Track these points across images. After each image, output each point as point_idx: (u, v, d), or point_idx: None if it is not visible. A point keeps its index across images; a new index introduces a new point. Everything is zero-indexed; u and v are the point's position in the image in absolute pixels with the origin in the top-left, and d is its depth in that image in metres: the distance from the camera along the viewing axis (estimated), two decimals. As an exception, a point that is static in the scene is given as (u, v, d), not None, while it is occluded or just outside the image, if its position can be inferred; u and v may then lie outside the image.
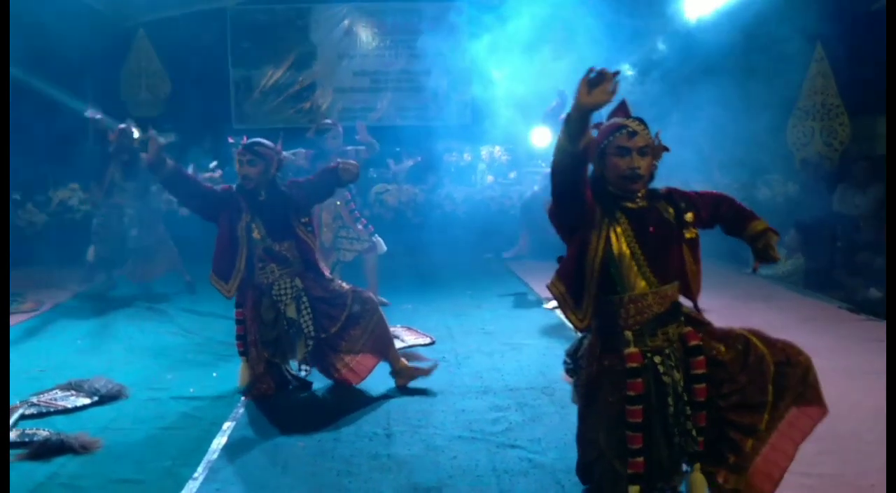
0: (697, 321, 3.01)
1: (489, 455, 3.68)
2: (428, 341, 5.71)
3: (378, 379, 4.78)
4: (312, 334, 4.49)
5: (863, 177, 8.00)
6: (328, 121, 7.05)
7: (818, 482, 3.33)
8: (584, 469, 2.98)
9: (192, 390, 4.71)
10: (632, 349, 2.89)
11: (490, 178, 11.06)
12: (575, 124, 2.60)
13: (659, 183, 3.05)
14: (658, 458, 2.87)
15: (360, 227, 6.67)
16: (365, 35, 12.37)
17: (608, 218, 2.90)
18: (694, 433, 2.90)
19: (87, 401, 4.42)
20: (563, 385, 4.64)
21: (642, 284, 2.89)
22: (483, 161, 11.48)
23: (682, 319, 2.97)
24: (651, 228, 2.90)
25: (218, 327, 6.22)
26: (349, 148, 6.81)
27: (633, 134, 2.88)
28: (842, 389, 4.58)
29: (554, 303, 4.58)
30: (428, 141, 11.40)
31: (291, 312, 4.51)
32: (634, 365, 2.87)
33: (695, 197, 3.06)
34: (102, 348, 5.70)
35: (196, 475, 3.49)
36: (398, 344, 5.48)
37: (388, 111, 12.42)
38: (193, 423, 4.18)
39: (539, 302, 7.08)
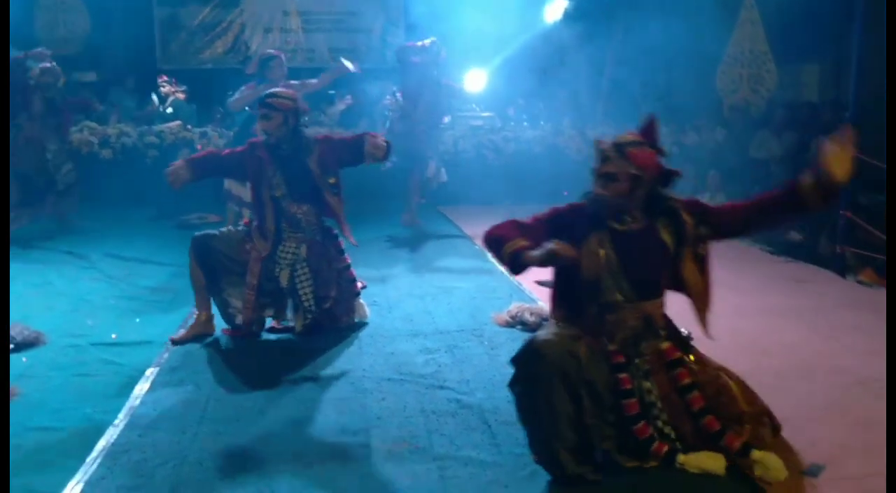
0: (683, 343, 3.06)
1: (417, 397, 3.68)
2: (359, 285, 5.65)
3: (307, 323, 4.74)
4: (312, 307, 4.41)
5: (780, 123, 8.18)
6: (271, 51, 6.89)
7: (736, 417, 3.43)
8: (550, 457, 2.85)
9: (113, 336, 4.59)
10: (613, 347, 2.95)
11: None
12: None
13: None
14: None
15: None
16: (295, -28, 11.98)
17: (596, 235, 2.96)
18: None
19: (2, 348, 4.27)
20: (493, 327, 4.68)
21: (618, 295, 2.96)
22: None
23: (663, 335, 3.02)
24: (637, 251, 2.95)
25: (143, 272, 6.07)
26: (294, 82, 6.64)
27: (604, 160, 2.94)
28: (762, 326, 4.74)
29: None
30: (362, 84, 11.17)
31: (284, 278, 4.41)
32: (620, 361, 2.92)
33: (722, 210, 3.08)
34: (19, 294, 5.47)
35: (117, 421, 3.40)
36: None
37: (321, 52, 12.11)
38: (115, 369, 4.07)
39: (471, 245, 7.09)
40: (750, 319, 4.87)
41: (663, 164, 3.01)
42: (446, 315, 4.98)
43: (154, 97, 10.00)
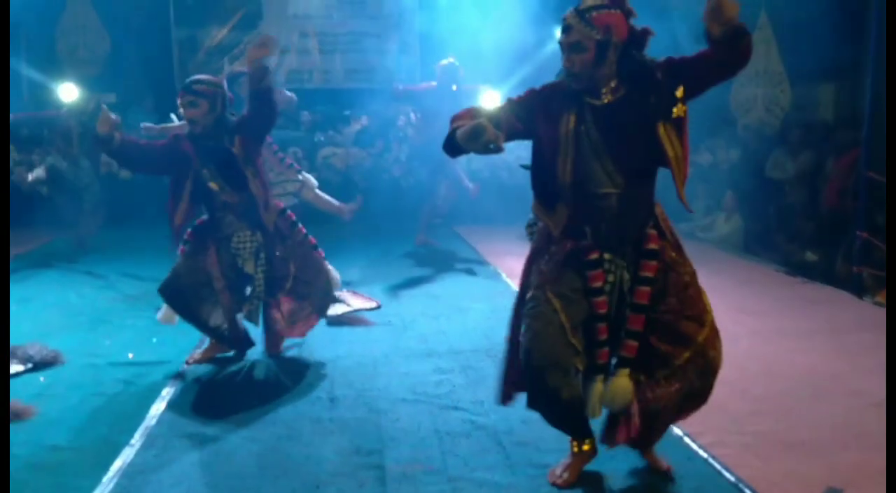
0: (664, 230, 2.95)
1: (432, 417, 3.68)
2: (374, 305, 5.66)
3: (322, 344, 4.77)
4: (262, 294, 4.37)
5: (797, 143, 8.16)
6: (241, 69, 6.91)
7: (752, 440, 3.41)
8: (532, 381, 2.92)
9: (130, 355, 4.63)
10: (588, 242, 2.89)
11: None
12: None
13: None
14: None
15: (283, 166, 6.41)
16: (313, -6, 12.10)
17: (573, 113, 2.82)
18: (626, 336, 2.90)
19: (20, 368, 4.30)
20: (507, 348, 4.67)
21: (608, 184, 2.84)
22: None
23: (651, 223, 2.92)
24: (617, 126, 2.79)
25: (159, 292, 6.11)
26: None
27: (566, 29, 2.77)
28: (777, 349, 4.71)
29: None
30: (377, 104, 11.25)
31: (249, 267, 4.35)
32: (594, 257, 2.87)
33: (691, 60, 2.76)
34: (38, 314, 5.55)
35: (133, 441, 3.43)
36: (343, 308, 5.45)
37: (337, 74, 12.21)
38: (131, 389, 4.10)
39: (485, 265, 7.10)
40: (766, 341, 4.84)
41: (633, 25, 2.81)
42: (461, 335, 4.99)
43: (173, 117, 10.09)
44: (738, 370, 4.19)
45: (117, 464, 3.21)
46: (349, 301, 5.63)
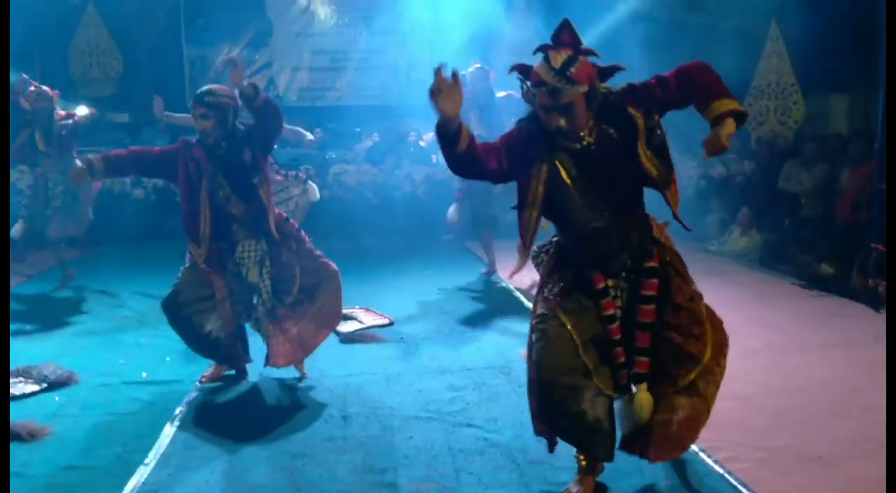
0: (662, 244, 2.97)
1: (445, 435, 3.67)
2: (386, 321, 5.67)
3: (335, 361, 4.76)
4: (269, 304, 4.34)
5: (811, 156, 8.13)
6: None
7: (769, 455, 3.38)
8: (551, 416, 2.94)
9: (144, 374, 4.64)
10: (594, 273, 2.90)
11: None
12: (442, 133, 2.65)
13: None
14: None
15: (279, 178, 6.16)
16: (323, 12, 12.18)
17: (549, 156, 2.80)
18: (637, 354, 2.91)
19: (35, 388, 4.33)
20: (521, 364, 4.63)
21: (597, 219, 2.85)
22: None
23: (649, 248, 2.92)
24: (599, 165, 2.78)
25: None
26: None
27: (554, 92, 2.69)
28: (793, 362, 4.67)
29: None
30: (388, 121, 11.30)
31: (254, 276, 4.33)
32: (601, 286, 2.90)
33: (656, 87, 2.77)
34: (52, 334, 5.58)
35: (147, 460, 3.44)
36: (356, 325, 5.46)
37: (348, 90, 12.28)
38: (145, 408, 4.11)
39: (498, 282, 7.08)
40: (782, 355, 4.80)
41: (598, 64, 2.78)
42: (474, 352, 4.97)
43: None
44: (753, 385, 4.16)
45: (132, 483, 3.22)
46: (361, 318, 5.64)
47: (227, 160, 4.22)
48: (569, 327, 2.88)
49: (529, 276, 6.64)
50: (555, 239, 3.13)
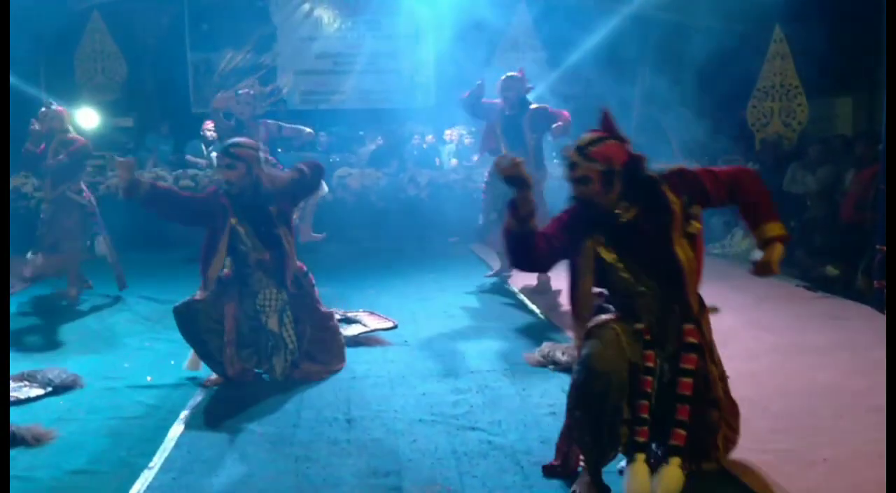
0: (699, 323, 3.07)
1: (449, 438, 3.67)
2: (390, 325, 5.68)
3: (339, 364, 4.76)
4: (296, 352, 4.47)
5: (816, 158, 8.12)
6: (246, 89, 6.99)
7: (773, 458, 3.37)
8: (583, 384, 2.93)
9: (149, 378, 4.64)
10: (641, 325, 3.00)
11: (454, 161, 11.01)
12: (521, 207, 3.00)
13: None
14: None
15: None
16: (327, 17, 12.22)
17: (594, 231, 3.02)
18: (675, 426, 2.94)
19: (40, 392, 4.33)
20: (525, 367, 4.66)
21: (640, 285, 3.01)
22: (451, 142, 11.35)
23: (690, 318, 3.03)
24: (635, 241, 2.99)
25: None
26: (268, 121, 6.88)
27: (571, 166, 3.00)
28: (797, 365, 4.66)
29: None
30: (391, 124, 11.32)
31: (273, 324, 4.43)
32: (648, 338, 2.98)
33: (706, 181, 3.04)
34: (56, 337, 5.60)
35: (152, 464, 3.44)
36: (360, 329, 5.47)
37: (352, 94, 12.31)
38: (150, 412, 4.12)
39: (502, 285, 7.08)
40: (786, 357, 4.79)
41: (629, 151, 3.03)
42: (478, 355, 4.97)
43: (203, 147, 10.08)
44: (758, 388, 4.15)
45: (136, 487, 3.22)
46: (365, 321, 5.65)
47: (252, 209, 4.34)
48: (623, 339, 2.95)
49: (534, 277, 6.68)
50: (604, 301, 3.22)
